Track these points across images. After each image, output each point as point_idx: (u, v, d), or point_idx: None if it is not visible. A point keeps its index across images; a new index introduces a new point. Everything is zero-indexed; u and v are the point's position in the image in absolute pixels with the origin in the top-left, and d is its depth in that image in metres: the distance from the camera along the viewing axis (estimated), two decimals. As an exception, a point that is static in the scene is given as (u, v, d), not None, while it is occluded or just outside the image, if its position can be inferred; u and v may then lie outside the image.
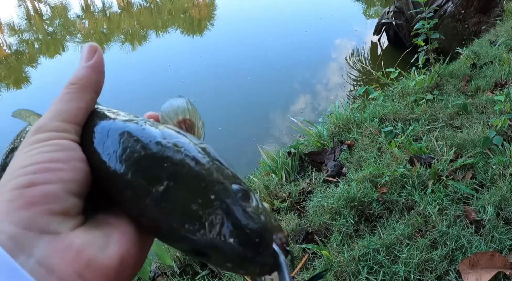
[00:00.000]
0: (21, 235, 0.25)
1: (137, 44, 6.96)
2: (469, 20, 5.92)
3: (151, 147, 0.30)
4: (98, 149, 0.31)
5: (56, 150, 0.29)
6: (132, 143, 0.31)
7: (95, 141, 0.32)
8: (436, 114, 2.82)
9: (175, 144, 0.31)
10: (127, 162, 0.30)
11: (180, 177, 0.29)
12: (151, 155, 0.30)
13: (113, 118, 0.34)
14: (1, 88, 5.83)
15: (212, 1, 9.21)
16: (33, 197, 0.26)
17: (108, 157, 0.30)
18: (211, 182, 0.30)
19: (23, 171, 0.27)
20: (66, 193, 0.28)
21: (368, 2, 8.48)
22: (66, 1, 9.37)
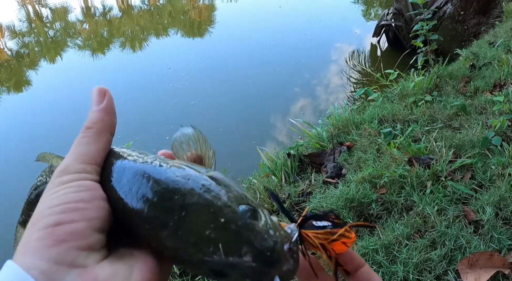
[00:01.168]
0: (52, 269, 0.28)
1: (137, 47, 6.98)
2: (468, 21, 5.94)
3: (162, 182, 0.33)
4: (116, 187, 0.34)
5: (80, 190, 0.32)
6: (145, 181, 0.34)
7: (113, 180, 0.35)
8: (435, 115, 2.82)
9: (184, 177, 0.34)
10: (142, 199, 0.33)
11: (190, 206, 0.32)
12: (162, 190, 0.33)
13: (128, 158, 0.36)
14: (2, 92, 5.84)
15: (212, 3, 9.23)
16: (61, 235, 0.29)
17: (125, 194, 0.33)
18: (220, 207, 0.32)
19: (51, 211, 0.30)
20: (91, 230, 0.31)
21: (367, 4, 8.50)
22: (67, 4, 9.40)
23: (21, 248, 0.29)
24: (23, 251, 0.29)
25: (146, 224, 0.32)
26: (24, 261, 0.28)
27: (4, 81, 6.12)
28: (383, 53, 5.79)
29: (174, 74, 5.51)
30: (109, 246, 0.32)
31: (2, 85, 6.03)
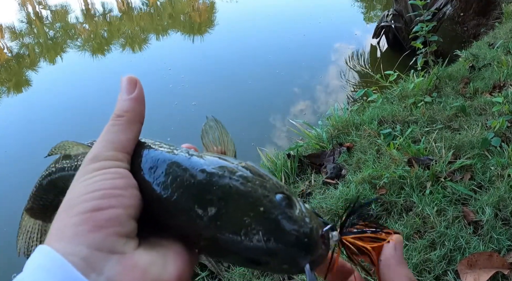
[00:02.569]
0: (92, 255, 0.28)
1: (137, 48, 6.98)
2: (468, 22, 5.95)
3: (198, 174, 0.34)
4: (149, 178, 0.34)
5: (116, 177, 0.32)
6: (182, 172, 0.34)
7: (146, 171, 0.35)
8: (435, 116, 2.83)
9: (220, 168, 0.34)
10: (179, 190, 0.33)
11: (230, 197, 0.33)
12: (200, 181, 0.33)
13: (159, 149, 0.37)
14: (2, 92, 5.84)
15: (212, 5, 9.24)
16: (100, 221, 0.29)
17: (160, 185, 0.34)
18: (258, 196, 0.33)
19: (88, 196, 0.30)
20: (128, 217, 0.31)
21: (367, 5, 8.51)
22: (67, 5, 9.41)
23: (55, 233, 0.29)
24: (60, 236, 0.29)
25: (183, 215, 0.33)
26: (61, 247, 0.28)
27: (4, 82, 6.12)
28: (383, 54, 5.79)
29: (174, 75, 5.52)
30: (139, 235, 0.32)
31: (2, 86, 6.03)
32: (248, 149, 3.83)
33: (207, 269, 1.97)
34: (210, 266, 1.98)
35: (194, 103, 4.80)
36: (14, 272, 2.75)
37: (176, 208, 0.33)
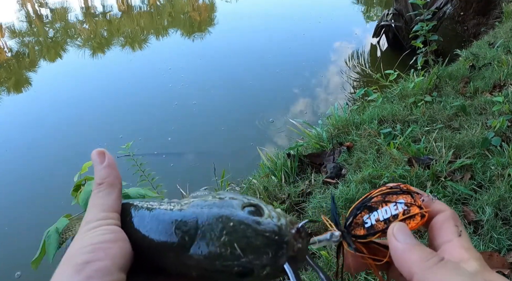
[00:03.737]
0: None
1: (137, 47, 6.98)
2: (468, 22, 5.94)
3: (176, 214, 0.39)
4: (137, 230, 0.39)
5: (105, 233, 0.37)
6: (162, 217, 0.39)
7: (133, 225, 0.40)
8: (435, 115, 2.83)
9: (193, 206, 0.39)
10: (163, 234, 0.38)
11: (204, 224, 0.37)
12: (178, 221, 0.38)
13: (143, 206, 0.42)
14: (2, 92, 5.84)
15: (212, 4, 9.24)
16: (90, 272, 0.33)
17: (147, 234, 0.39)
18: (227, 215, 0.37)
19: (80, 251, 0.35)
20: (115, 268, 0.35)
21: (367, 5, 8.51)
22: (67, 4, 9.40)
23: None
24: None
25: (170, 252, 0.37)
26: None
27: (4, 81, 6.12)
28: (383, 53, 5.79)
29: (174, 75, 5.51)
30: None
31: (1, 85, 6.03)
32: (248, 148, 3.83)
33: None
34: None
35: (194, 102, 4.80)
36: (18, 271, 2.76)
37: (163, 249, 0.37)
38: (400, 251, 0.34)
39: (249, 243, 0.35)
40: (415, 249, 0.34)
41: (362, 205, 0.39)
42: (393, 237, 0.35)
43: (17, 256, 2.86)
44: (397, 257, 0.35)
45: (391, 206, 0.38)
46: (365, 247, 0.38)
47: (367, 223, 0.38)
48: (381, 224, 0.37)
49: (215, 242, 0.36)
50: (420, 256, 0.34)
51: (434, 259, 0.33)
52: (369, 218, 0.38)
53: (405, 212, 0.37)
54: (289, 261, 0.36)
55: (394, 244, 0.35)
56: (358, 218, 0.39)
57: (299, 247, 0.37)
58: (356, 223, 0.39)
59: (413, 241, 0.35)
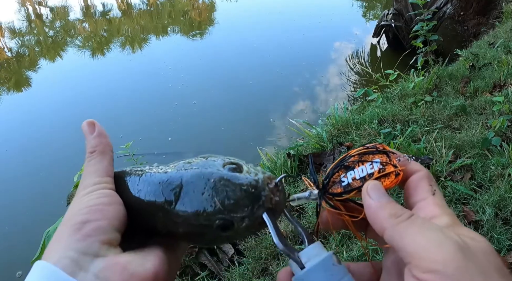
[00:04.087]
0: (80, 258, 0.34)
1: (137, 47, 6.97)
2: (468, 22, 5.94)
3: (163, 176, 0.41)
4: (131, 192, 0.42)
5: (101, 196, 0.39)
6: (151, 180, 0.42)
7: (127, 188, 0.42)
8: (435, 115, 2.83)
9: (178, 168, 0.42)
10: (152, 195, 0.41)
11: (187, 183, 0.39)
12: (164, 181, 0.41)
13: (132, 172, 0.44)
14: (2, 91, 5.84)
15: (212, 4, 9.23)
16: (88, 231, 0.36)
17: (138, 197, 0.41)
18: (208, 172, 0.39)
19: (78, 212, 0.37)
20: (111, 228, 0.37)
21: (367, 5, 8.51)
22: (67, 4, 9.40)
23: (53, 244, 0.36)
24: (55, 246, 0.35)
25: (159, 211, 0.39)
26: (56, 255, 0.34)
27: (4, 81, 6.12)
28: (383, 53, 5.79)
29: (174, 74, 5.51)
30: (123, 247, 0.38)
31: (1, 85, 6.03)
32: (248, 148, 3.83)
33: (207, 269, 1.97)
34: (210, 265, 1.98)
35: (194, 102, 4.80)
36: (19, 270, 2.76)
37: (153, 209, 0.40)
38: (373, 208, 0.35)
39: (228, 197, 0.37)
40: (387, 206, 0.35)
41: (339, 165, 0.40)
42: (367, 195, 0.36)
43: (18, 255, 2.86)
44: (370, 214, 0.36)
45: (367, 165, 0.39)
46: (343, 205, 0.40)
47: (344, 182, 0.39)
48: (357, 182, 0.38)
49: (198, 198, 0.38)
50: (390, 213, 0.35)
51: (405, 215, 0.34)
52: (345, 176, 0.39)
53: (381, 171, 0.38)
54: (267, 212, 0.38)
55: (368, 202, 0.36)
56: (335, 177, 0.40)
57: (276, 200, 0.39)
58: (333, 181, 0.40)
59: (386, 199, 0.36)
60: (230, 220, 0.38)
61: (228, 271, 1.95)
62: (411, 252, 0.32)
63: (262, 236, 2.09)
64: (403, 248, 0.32)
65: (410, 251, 0.32)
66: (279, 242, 0.38)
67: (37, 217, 3.19)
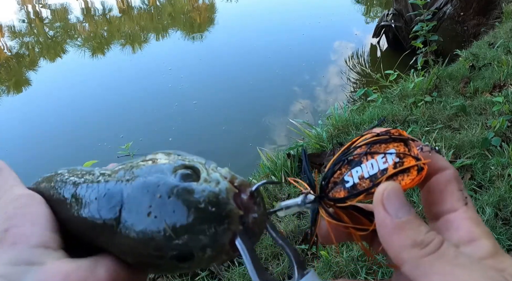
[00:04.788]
0: (10, 271, 0.28)
1: (137, 47, 6.98)
2: (468, 22, 5.94)
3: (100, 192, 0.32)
4: (66, 207, 0.33)
5: (17, 199, 0.33)
6: (88, 194, 0.32)
7: (60, 202, 0.33)
8: (435, 115, 2.83)
9: (119, 175, 0.32)
10: (90, 211, 0.31)
11: (128, 198, 0.30)
12: (102, 196, 0.31)
13: (66, 180, 0.35)
14: (2, 92, 5.84)
15: (212, 4, 9.24)
16: (13, 238, 0.30)
17: (75, 213, 0.32)
18: (153, 184, 0.30)
19: (1, 221, 0.31)
20: (41, 228, 0.31)
21: (367, 5, 8.51)
22: (67, 4, 9.40)
23: None
24: None
25: (100, 234, 0.31)
26: None
27: (4, 81, 6.12)
28: (383, 53, 5.79)
29: (174, 75, 5.51)
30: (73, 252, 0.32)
31: (1, 85, 6.03)
32: (247, 148, 3.82)
33: (207, 269, 1.97)
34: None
35: (194, 102, 4.80)
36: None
37: (93, 230, 0.31)
38: (389, 229, 0.26)
39: (180, 220, 0.28)
40: (408, 228, 0.26)
41: (341, 159, 0.31)
42: (381, 206, 0.27)
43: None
44: (384, 236, 0.27)
45: (379, 158, 0.29)
46: (347, 213, 0.30)
47: (348, 182, 0.30)
48: (366, 183, 0.29)
49: (143, 221, 0.28)
50: (413, 240, 0.26)
51: (432, 246, 0.26)
52: (350, 175, 0.30)
53: (397, 165, 0.28)
54: (241, 236, 0.29)
55: (381, 217, 0.27)
56: (337, 176, 0.31)
57: (252, 217, 0.29)
58: (334, 182, 0.31)
59: (406, 214, 0.27)
60: (188, 251, 0.28)
61: (228, 271, 1.95)
62: None
63: (262, 236, 2.09)
64: None
65: None
66: (258, 279, 0.29)
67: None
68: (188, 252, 0.28)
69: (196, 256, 0.29)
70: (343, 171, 0.30)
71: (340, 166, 0.31)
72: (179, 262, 0.29)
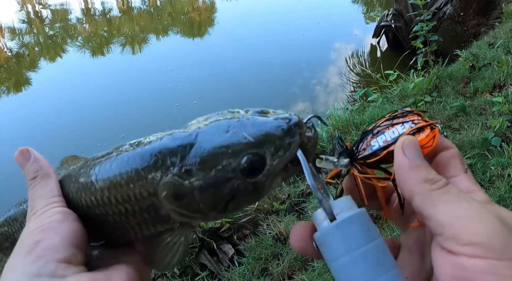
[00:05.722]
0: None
1: (137, 48, 6.98)
2: (468, 22, 5.94)
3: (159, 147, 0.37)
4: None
5: (52, 215, 0.36)
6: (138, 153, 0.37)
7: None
8: (435, 115, 2.83)
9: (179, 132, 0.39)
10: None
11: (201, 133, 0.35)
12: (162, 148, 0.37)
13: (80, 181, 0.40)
14: (2, 92, 5.84)
15: (212, 4, 9.24)
16: (41, 251, 0.33)
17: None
18: (229, 118, 0.36)
19: (31, 234, 0.35)
20: (66, 244, 0.34)
21: (367, 5, 8.51)
22: (67, 4, 9.40)
23: (6, 274, 0.33)
24: (8, 276, 0.33)
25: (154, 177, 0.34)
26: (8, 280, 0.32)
27: (4, 81, 6.12)
28: (383, 54, 5.79)
29: (174, 75, 5.52)
30: (88, 267, 0.36)
31: (1, 85, 6.03)
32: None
33: (207, 269, 1.97)
34: (210, 266, 1.98)
35: (195, 101, 4.80)
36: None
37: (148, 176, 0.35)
38: (406, 168, 0.32)
39: (260, 130, 0.33)
40: (421, 169, 0.32)
41: (368, 133, 0.38)
42: (401, 151, 0.33)
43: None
44: (401, 174, 0.33)
45: (398, 126, 0.36)
46: (371, 172, 0.38)
47: (374, 146, 0.36)
48: (388, 144, 0.36)
49: (220, 137, 0.33)
50: (425, 177, 0.31)
51: (440, 183, 0.31)
52: (376, 141, 0.37)
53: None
54: (301, 149, 0.34)
55: (400, 160, 0.33)
56: (365, 144, 0.37)
57: (310, 139, 0.35)
58: (363, 149, 0.37)
59: (421, 161, 0.33)
60: (261, 155, 0.33)
61: (228, 271, 1.95)
62: (444, 222, 0.29)
63: (262, 237, 2.09)
64: (434, 216, 0.30)
65: (443, 220, 0.29)
66: (314, 183, 0.33)
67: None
68: (261, 157, 0.33)
69: (268, 163, 0.33)
70: (370, 140, 0.37)
71: (367, 136, 0.37)
72: (248, 175, 0.33)
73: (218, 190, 0.33)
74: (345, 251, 0.31)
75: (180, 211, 0.35)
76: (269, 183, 0.34)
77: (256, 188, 0.34)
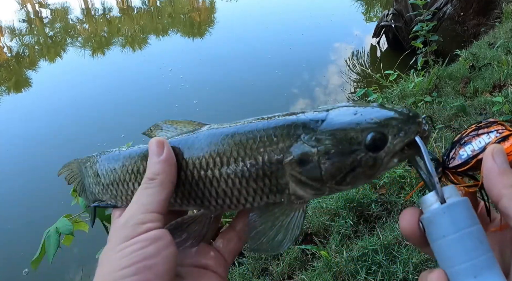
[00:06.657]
0: None
1: (137, 47, 6.98)
2: (468, 22, 5.94)
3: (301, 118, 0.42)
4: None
5: (146, 245, 0.34)
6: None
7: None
8: (435, 115, 2.83)
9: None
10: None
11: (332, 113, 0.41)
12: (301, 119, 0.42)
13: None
14: (2, 92, 5.84)
15: (212, 4, 9.24)
16: (148, 275, 0.32)
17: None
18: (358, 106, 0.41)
19: (122, 273, 0.33)
20: (166, 274, 0.34)
21: (367, 5, 8.51)
22: (67, 4, 9.40)
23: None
24: None
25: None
26: None
27: (4, 81, 6.12)
28: (383, 54, 5.79)
29: (174, 75, 5.51)
30: None
31: (1, 85, 6.03)
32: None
33: (207, 269, 1.97)
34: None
35: (195, 101, 4.80)
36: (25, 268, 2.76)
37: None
38: (495, 173, 0.35)
39: (386, 115, 0.38)
40: (510, 173, 0.35)
41: (457, 143, 0.41)
42: (491, 158, 0.36)
43: (24, 253, 2.86)
44: (490, 178, 0.35)
45: (484, 136, 0.39)
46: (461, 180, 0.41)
47: (463, 155, 0.40)
48: (476, 153, 0.39)
49: (350, 116, 0.38)
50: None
51: None
52: (464, 150, 0.40)
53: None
54: (420, 135, 0.38)
55: (490, 165, 0.35)
56: (454, 154, 0.41)
57: (425, 130, 0.39)
58: (453, 158, 0.41)
59: (509, 167, 0.35)
60: (384, 134, 0.37)
61: (228, 271, 1.94)
62: None
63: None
64: None
65: None
66: (432, 167, 0.37)
67: (38, 216, 3.19)
68: (384, 136, 0.37)
69: (388, 142, 0.37)
70: (459, 150, 0.40)
71: (456, 147, 0.41)
72: (372, 150, 0.37)
73: (343, 159, 0.37)
74: (454, 230, 0.34)
75: (300, 178, 0.37)
76: (387, 161, 0.38)
77: (375, 163, 0.38)
